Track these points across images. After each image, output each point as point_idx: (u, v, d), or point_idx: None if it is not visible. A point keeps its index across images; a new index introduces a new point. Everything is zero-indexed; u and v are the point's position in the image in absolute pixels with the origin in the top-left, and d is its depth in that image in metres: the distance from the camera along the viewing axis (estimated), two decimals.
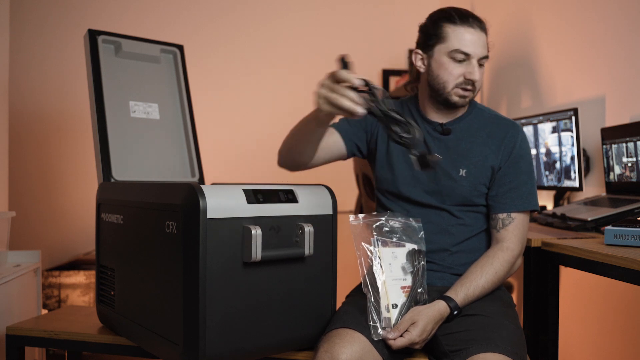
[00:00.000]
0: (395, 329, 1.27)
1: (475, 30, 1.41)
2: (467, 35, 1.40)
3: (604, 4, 2.24)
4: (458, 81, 1.42)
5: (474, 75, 1.41)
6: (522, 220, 1.46)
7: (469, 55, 1.40)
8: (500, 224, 1.45)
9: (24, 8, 3.38)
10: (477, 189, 1.46)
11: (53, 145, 3.41)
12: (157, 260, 1.28)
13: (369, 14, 3.75)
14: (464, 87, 1.42)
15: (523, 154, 1.47)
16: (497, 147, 1.46)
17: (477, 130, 1.48)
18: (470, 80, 1.41)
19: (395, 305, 1.31)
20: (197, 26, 3.56)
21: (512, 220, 1.45)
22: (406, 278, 1.36)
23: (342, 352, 1.20)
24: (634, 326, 2.05)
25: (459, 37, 1.40)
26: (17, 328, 1.55)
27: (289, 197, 1.30)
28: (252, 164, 3.58)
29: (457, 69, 1.42)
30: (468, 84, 1.42)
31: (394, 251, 1.37)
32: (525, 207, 1.45)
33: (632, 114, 2.06)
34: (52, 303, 2.99)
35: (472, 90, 1.44)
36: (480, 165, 1.45)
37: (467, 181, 1.45)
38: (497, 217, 1.46)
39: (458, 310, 1.32)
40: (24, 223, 3.12)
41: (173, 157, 1.76)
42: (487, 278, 1.38)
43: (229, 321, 1.20)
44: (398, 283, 1.34)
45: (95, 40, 1.66)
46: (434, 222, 1.47)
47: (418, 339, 1.25)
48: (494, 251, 1.43)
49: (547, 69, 2.64)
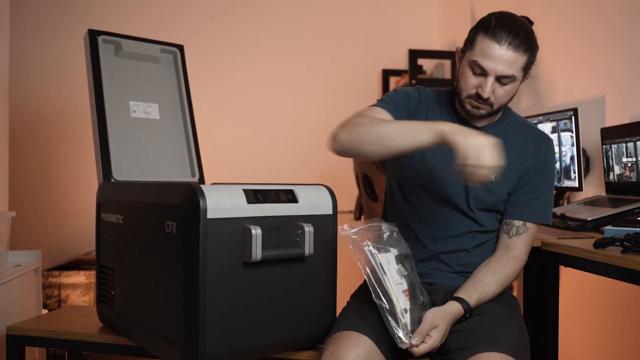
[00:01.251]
0: (417, 333, 1.23)
1: (501, 47, 1.32)
2: (491, 51, 1.33)
3: (604, 4, 2.24)
4: (471, 92, 1.38)
5: (483, 91, 1.35)
6: (534, 232, 1.46)
7: (485, 70, 1.34)
8: (515, 230, 1.44)
9: (24, 8, 3.38)
10: (503, 196, 1.45)
11: (53, 145, 3.41)
12: (157, 260, 1.28)
13: (369, 14, 3.75)
14: (476, 100, 1.38)
15: (550, 168, 1.47)
16: (528, 157, 1.45)
17: (510, 137, 1.45)
18: (480, 95, 1.37)
19: (406, 310, 1.30)
20: (197, 26, 3.56)
21: (526, 230, 1.44)
22: (402, 282, 1.35)
23: (348, 355, 1.20)
24: (634, 326, 2.05)
25: (483, 50, 1.34)
26: (17, 328, 1.55)
27: (289, 197, 1.30)
28: (252, 164, 3.59)
29: (472, 81, 1.37)
30: (479, 98, 1.37)
31: (386, 257, 1.34)
32: (541, 219, 1.45)
33: (632, 114, 2.06)
34: (52, 303, 2.99)
35: (486, 105, 1.39)
36: (510, 173, 1.43)
37: (496, 187, 1.43)
38: (513, 224, 1.45)
39: (470, 313, 1.32)
40: (24, 223, 3.12)
41: (173, 157, 1.76)
42: (498, 284, 1.38)
43: (229, 321, 1.20)
44: (400, 287, 1.33)
45: (95, 40, 1.66)
46: (455, 223, 1.45)
47: (439, 344, 1.25)
48: (506, 258, 1.42)
49: (547, 69, 2.63)
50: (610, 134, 1.97)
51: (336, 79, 3.71)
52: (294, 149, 3.64)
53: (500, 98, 1.38)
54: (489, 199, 1.44)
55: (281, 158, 3.61)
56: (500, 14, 1.37)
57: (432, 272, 1.46)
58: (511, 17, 1.37)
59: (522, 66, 1.36)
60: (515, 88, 1.39)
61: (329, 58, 3.70)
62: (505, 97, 1.39)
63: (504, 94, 1.38)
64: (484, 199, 1.44)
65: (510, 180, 1.44)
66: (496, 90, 1.36)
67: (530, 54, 1.36)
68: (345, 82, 3.71)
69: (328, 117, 3.64)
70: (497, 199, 1.44)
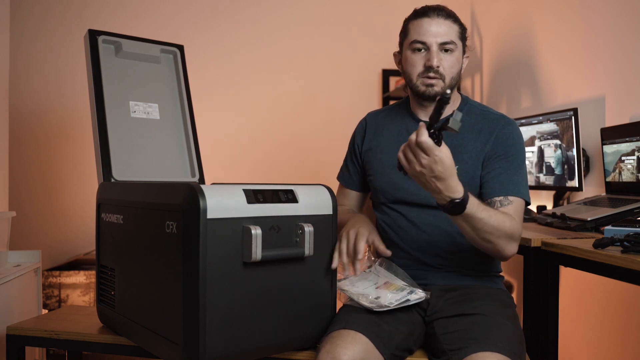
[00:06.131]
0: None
1: (433, 19, 1.43)
2: (425, 25, 1.43)
3: (604, 4, 2.24)
4: (420, 71, 1.45)
5: (432, 61, 1.42)
6: (519, 206, 1.40)
7: (425, 44, 1.43)
8: (499, 204, 1.39)
9: (24, 8, 3.38)
10: (475, 182, 1.45)
11: (53, 145, 3.41)
12: (157, 260, 1.28)
13: (369, 13, 3.75)
14: (427, 75, 1.44)
15: (515, 144, 1.45)
16: (489, 141, 1.45)
17: (469, 126, 1.48)
18: (430, 67, 1.43)
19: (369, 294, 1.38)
20: (197, 26, 3.56)
21: (510, 202, 1.38)
22: (377, 281, 1.43)
23: (344, 352, 1.20)
24: (634, 326, 2.05)
25: (417, 29, 1.44)
26: (18, 328, 1.55)
27: (289, 197, 1.30)
28: (252, 164, 3.59)
29: (418, 60, 1.45)
30: (429, 71, 1.43)
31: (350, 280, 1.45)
32: (517, 193, 1.40)
33: (632, 114, 2.06)
34: (52, 303, 2.99)
35: (438, 78, 1.44)
36: (475, 161, 1.45)
37: (461, 178, 1.44)
38: (494, 201, 1.40)
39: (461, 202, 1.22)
40: (24, 223, 3.13)
41: (173, 157, 1.76)
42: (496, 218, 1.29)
43: (229, 321, 1.20)
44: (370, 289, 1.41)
45: (95, 40, 1.66)
46: (436, 224, 1.47)
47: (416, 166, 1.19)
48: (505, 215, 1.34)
49: (547, 69, 2.64)
50: (611, 134, 1.97)
51: (336, 79, 3.71)
52: (294, 149, 3.64)
53: (448, 68, 1.44)
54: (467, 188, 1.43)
55: (281, 158, 3.62)
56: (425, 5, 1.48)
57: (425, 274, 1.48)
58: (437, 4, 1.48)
59: (457, 35, 1.45)
60: (459, 58, 1.47)
61: (329, 58, 3.70)
62: (453, 67, 1.45)
63: (451, 64, 1.44)
64: None
65: (475, 168, 1.45)
66: (442, 59, 1.43)
67: (460, 25, 1.46)
68: (345, 82, 3.71)
69: (328, 117, 3.66)
70: (474, 187, 1.44)
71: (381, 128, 1.60)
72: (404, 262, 1.49)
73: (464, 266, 1.47)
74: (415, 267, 1.49)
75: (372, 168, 1.58)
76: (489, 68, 3.22)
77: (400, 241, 1.51)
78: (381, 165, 1.54)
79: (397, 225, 1.51)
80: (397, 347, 1.30)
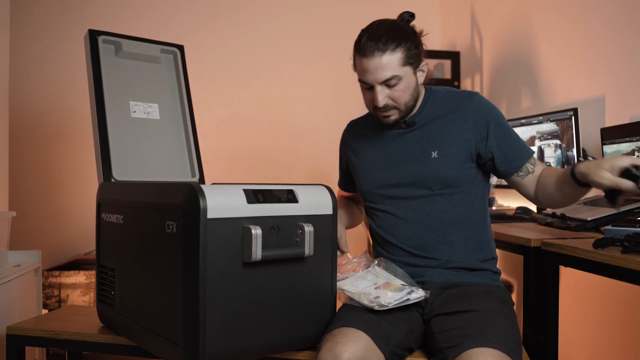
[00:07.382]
0: None
1: (369, 59, 1.41)
2: (364, 65, 1.43)
3: (604, 4, 2.24)
4: (372, 106, 1.48)
5: (376, 101, 1.44)
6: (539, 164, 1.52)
7: (368, 84, 1.44)
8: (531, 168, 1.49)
9: (24, 8, 3.38)
10: (458, 167, 1.47)
11: (53, 145, 3.41)
12: (157, 260, 1.28)
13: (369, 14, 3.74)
14: (379, 110, 1.47)
15: (491, 111, 1.50)
16: (464, 120, 1.48)
17: (439, 112, 1.51)
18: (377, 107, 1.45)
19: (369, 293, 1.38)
20: (197, 26, 3.56)
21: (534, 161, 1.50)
22: (377, 281, 1.43)
23: (345, 350, 1.21)
24: (634, 326, 2.05)
25: (359, 68, 1.45)
26: (18, 328, 1.55)
27: (289, 197, 1.30)
28: (252, 164, 3.59)
29: (368, 96, 1.49)
30: (377, 109, 1.46)
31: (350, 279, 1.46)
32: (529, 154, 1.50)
33: (631, 114, 2.06)
34: (52, 303, 2.99)
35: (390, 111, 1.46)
36: (455, 142, 1.48)
37: (442, 162, 1.47)
38: (525, 168, 1.49)
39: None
40: (24, 223, 3.13)
41: (173, 157, 1.76)
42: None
43: (229, 321, 1.20)
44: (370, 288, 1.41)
45: (95, 40, 1.66)
46: (421, 214, 1.50)
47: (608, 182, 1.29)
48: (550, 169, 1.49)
49: (547, 69, 2.64)
50: (611, 134, 1.97)
51: (337, 79, 3.70)
52: (294, 149, 3.64)
53: (399, 98, 1.45)
54: (436, 175, 1.47)
55: (281, 158, 3.62)
56: (370, 26, 1.46)
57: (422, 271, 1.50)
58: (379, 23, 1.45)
59: (399, 63, 1.41)
60: (409, 83, 1.45)
61: (330, 58, 3.70)
62: (403, 96, 1.45)
63: (401, 93, 1.44)
64: (429, 177, 1.48)
65: (457, 149, 1.47)
66: (390, 94, 1.44)
67: (404, 46, 1.41)
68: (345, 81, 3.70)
69: (328, 116, 3.65)
70: (449, 173, 1.47)
71: (360, 135, 1.65)
72: (402, 259, 1.51)
73: (456, 255, 1.49)
74: (413, 264, 1.50)
75: (356, 175, 1.64)
76: (489, 68, 3.23)
77: (393, 239, 1.53)
78: (363, 168, 1.60)
79: (387, 225, 1.55)
80: (397, 345, 1.30)
